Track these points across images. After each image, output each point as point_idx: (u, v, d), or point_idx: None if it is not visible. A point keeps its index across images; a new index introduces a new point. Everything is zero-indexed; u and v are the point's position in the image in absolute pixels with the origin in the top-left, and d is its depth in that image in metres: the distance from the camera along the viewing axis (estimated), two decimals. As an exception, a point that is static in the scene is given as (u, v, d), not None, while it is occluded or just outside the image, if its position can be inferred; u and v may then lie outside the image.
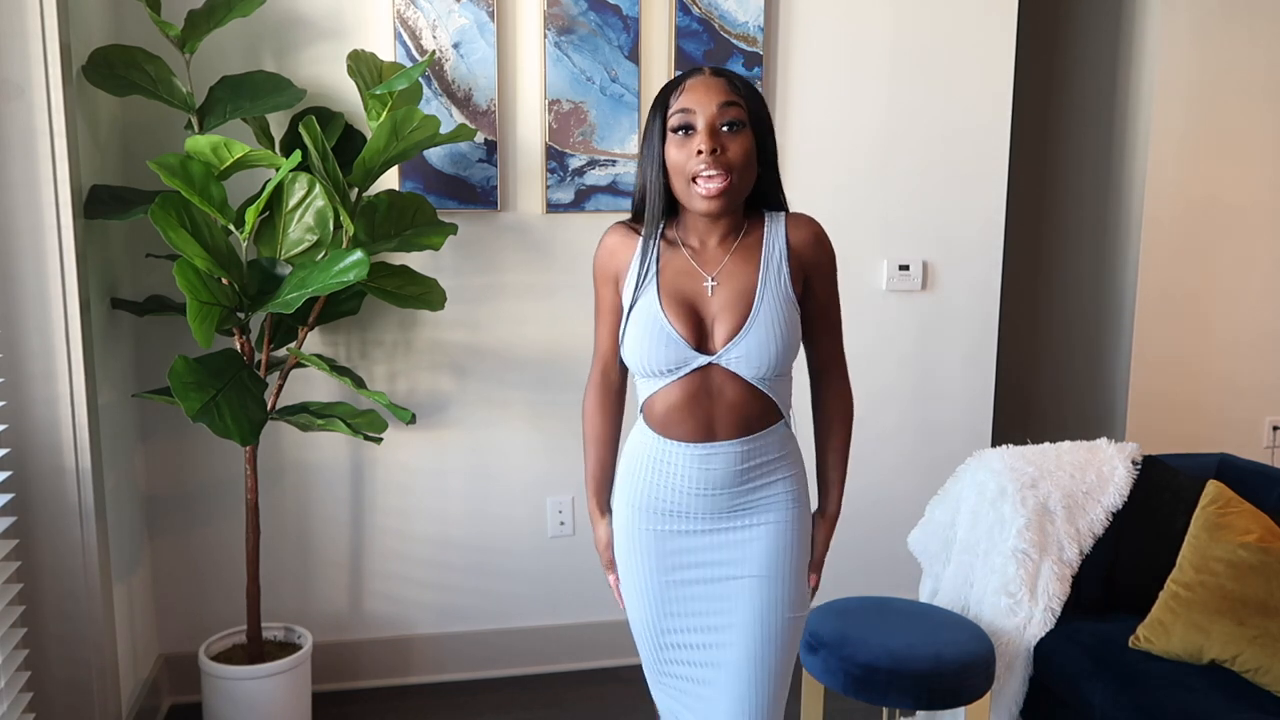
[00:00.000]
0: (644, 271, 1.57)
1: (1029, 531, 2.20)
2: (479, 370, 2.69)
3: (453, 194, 2.58)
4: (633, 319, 1.57)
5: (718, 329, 1.54)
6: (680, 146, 1.51)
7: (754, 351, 1.53)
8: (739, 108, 1.51)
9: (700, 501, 1.58)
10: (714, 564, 1.61)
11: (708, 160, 1.48)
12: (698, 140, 1.49)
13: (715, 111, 1.50)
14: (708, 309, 1.55)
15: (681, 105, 1.51)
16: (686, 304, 1.55)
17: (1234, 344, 3.29)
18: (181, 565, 2.62)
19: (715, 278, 1.56)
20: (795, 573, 1.63)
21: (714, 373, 1.54)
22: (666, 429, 1.58)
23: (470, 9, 2.52)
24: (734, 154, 1.50)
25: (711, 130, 1.49)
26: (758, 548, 1.60)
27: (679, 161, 1.51)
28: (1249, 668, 1.93)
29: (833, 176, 2.82)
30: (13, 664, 1.92)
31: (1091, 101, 3.46)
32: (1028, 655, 2.17)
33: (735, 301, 1.54)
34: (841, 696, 2.09)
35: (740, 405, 1.55)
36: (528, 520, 2.77)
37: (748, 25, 2.67)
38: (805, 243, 1.60)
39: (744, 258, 1.57)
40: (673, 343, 1.53)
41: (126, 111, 2.43)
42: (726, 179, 1.49)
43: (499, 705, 2.68)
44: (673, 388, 1.55)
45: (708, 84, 1.52)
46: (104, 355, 2.25)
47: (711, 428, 1.56)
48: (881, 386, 2.94)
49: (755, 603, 1.60)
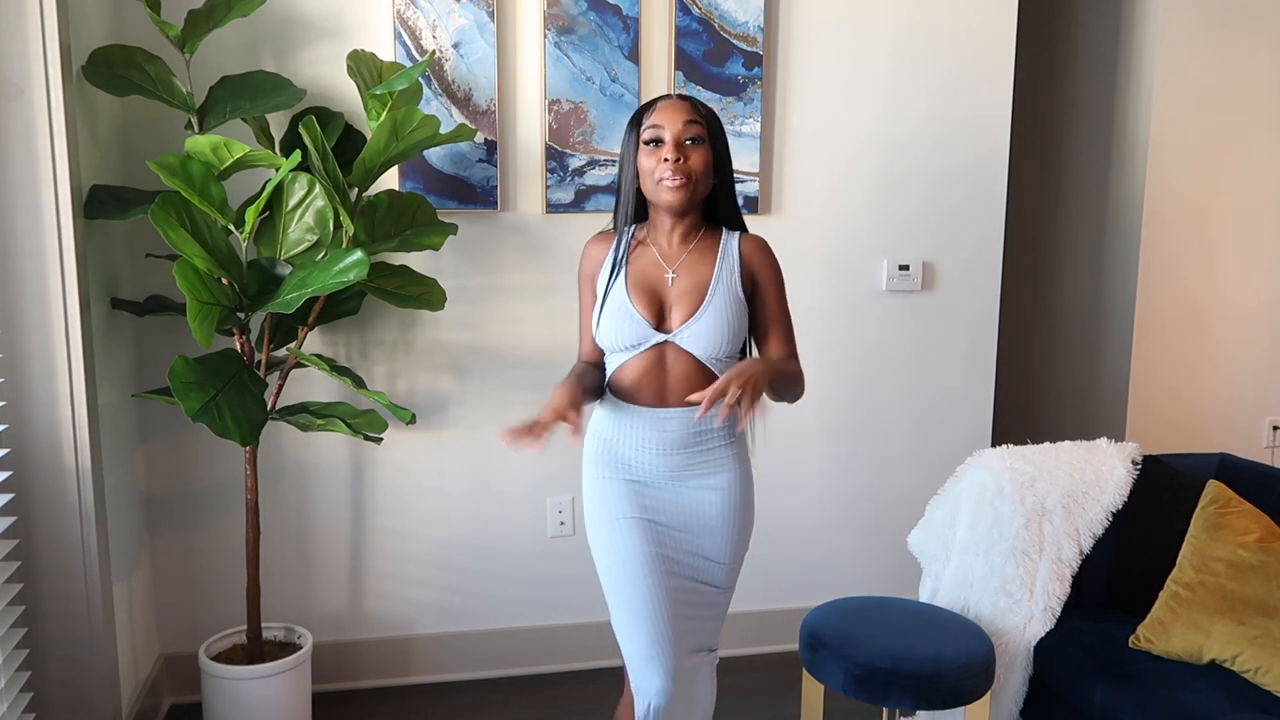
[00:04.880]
0: (616, 263, 1.86)
1: (1027, 531, 2.20)
2: (479, 370, 2.69)
3: (453, 194, 2.58)
4: (606, 304, 1.85)
5: (675, 313, 1.83)
6: (650, 155, 1.82)
7: (703, 333, 1.81)
8: (700, 126, 1.82)
9: (660, 460, 1.84)
10: (678, 516, 1.85)
11: (673, 167, 1.79)
12: (665, 150, 1.80)
13: (680, 128, 1.80)
14: (667, 296, 1.84)
15: (653, 122, 1.82)
16: (650, 291, 1.84)
17: (1234, 344, 3.29)
18: (181, 565, 2.62)
19: (675, 270, 1.85)
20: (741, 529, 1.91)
21: (669, 349, 1.82)
22: (630, 396, 1.85)
23: (470, 9, 2.52)
24: (694, 162, 1.81)
25: (677, 143, 1.80)
26: (711, 502, 1.86)
27: (649, 167, 1.82)
28: (1249, 668, 1.93)
29: (833, 176, 2.82)
30: (13, 664, 1.92)
31: (1091, 102, 3.46)
32: (1028, 655, 2.17)
33: (691, 291, 1.83)
34: (841, 696, 2.09)
35: (689, 378, 1.82)
36: (527, 520, 2.78)
37: (748, 25, 2.67)
38: (753, 252, 1.88)
39: (700, 257, 1.86)
40: (635, 322, 1.82)
41: (126, 111, 2.43)
42: (687, 179, 1.79)
43: (499, 705, 2.68)
44: (635, 360, 1.83)
45: (675, 105, 1.83)
46: (104, 355, 2.25)
47: (665, 395, 1.83)
48: (881, 386, 2.94)
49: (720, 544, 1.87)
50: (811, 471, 2.95)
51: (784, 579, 2.97)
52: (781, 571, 2.96)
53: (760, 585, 2.93)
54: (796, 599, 2.95)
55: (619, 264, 1.86)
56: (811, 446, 2.93)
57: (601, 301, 1.86)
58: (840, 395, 2.92)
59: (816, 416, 2.91)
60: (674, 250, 1.86)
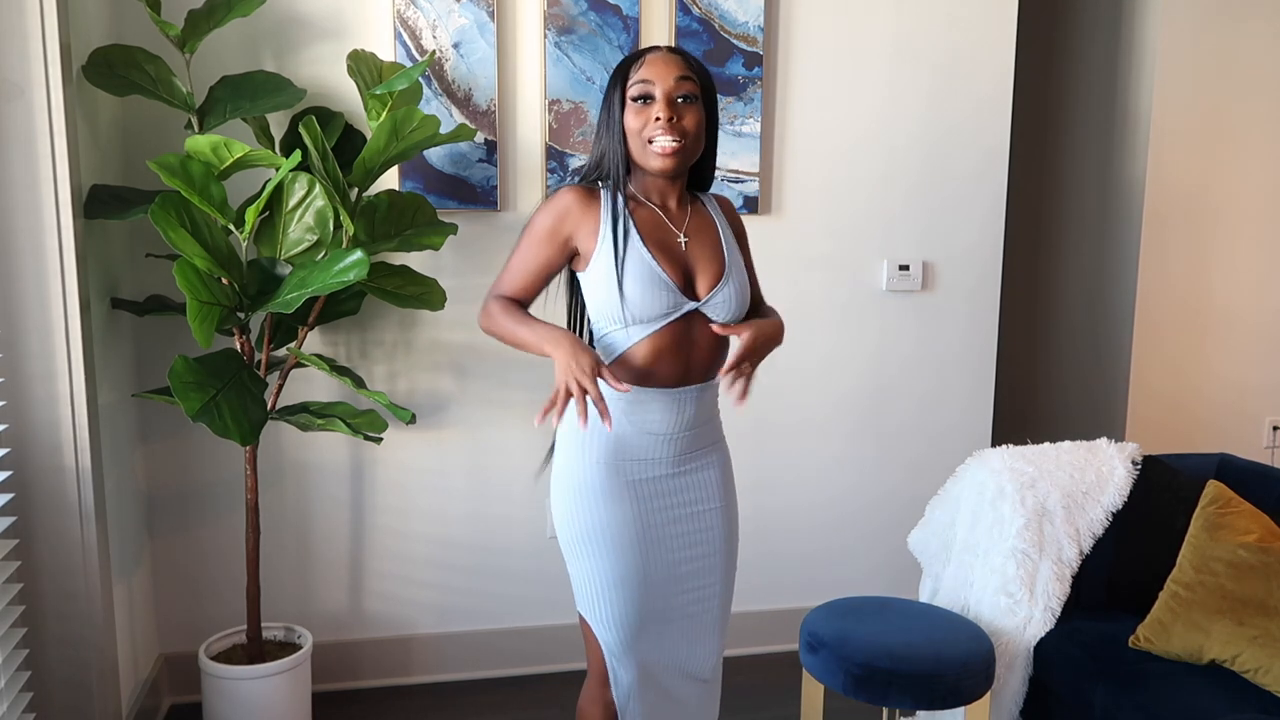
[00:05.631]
0: (620, 228, 1.66)
1: (1028, 531, 2.20)
2: (479, 370, 2.69)
3: (453, 194, 2.58)
4: (629, 272, 1.64)
5: (700, 279, 1.70)
6: (638, 114, 1.65)
7: (732, 298, 1.70)
8: (693, 83, 1.66)
9: (668, 445, 1.72)
10: (684, 502, 1.77)
11: (665, 126, 1.63)
12: (656, 108, 1.64)
13: (673, 84, 1.64)
14: (687, 261, 1.70)
15: (641, 76, 1.65)
16: (671, 255, 1.69)
17: (1234, 344, 3.29)
18: (181, 565, 2.62)
19: (685, 234, 1.72)
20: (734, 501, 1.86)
21: (695, 319, 1.69)
22: (645, 378, 1.67)
23: (470, 9, 2.52)
24: (688, 123, 1.65)
25: (669, 100, 1.64)
26: (713, 477, 1.79)
27: (636, 127, 1.65)
28: (1249, 668, 1.93)
29: (833, 176, 2.82)
30: (13, 664, 1.92)
31: (1092, 101, 3.46)
32: (1028, 655, 2.17)
33: (711, 255, 1.72)
34: (841, 696, 2.09)
35: (712, 349, 1.72)
36: (527, 520, 2.77)
37: (748, 25, 2.67)
38: (731, 211, 1.84)
39: (701, 221, 1.75)
40: (669, 290, 1.66)
41: (126, 111, 2.43)
42: (681, 142, 1.64)
43: (499, 705, 2.68)
44: (659, 335, 1.67)
45: (666, 59, 1.66)
46: (104, 355, 2.25)
47: (688, 372, 1.70)
48: (881, 387, 2.95)
49: (725, 530, 1.81)
50: (811, 471, 2.94)
51: (784, 579, 2.97)
52: (782, 571, 2.96)
53: (760, 585, 2.93)
54: (796, 599, 2.96)
55: (625, 229, 1.66)
56: (811, 446, 2.93)
57: (619, 268, 1.64)
58: (840, 395, 2.92)
59: (816, 416, 2.91)
60: (675, 213, 1.73)
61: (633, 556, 1.72)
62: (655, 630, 1.77)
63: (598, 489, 1.71)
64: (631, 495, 1.71)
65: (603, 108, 1.71)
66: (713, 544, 1.80)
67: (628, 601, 1.73)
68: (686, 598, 1.78)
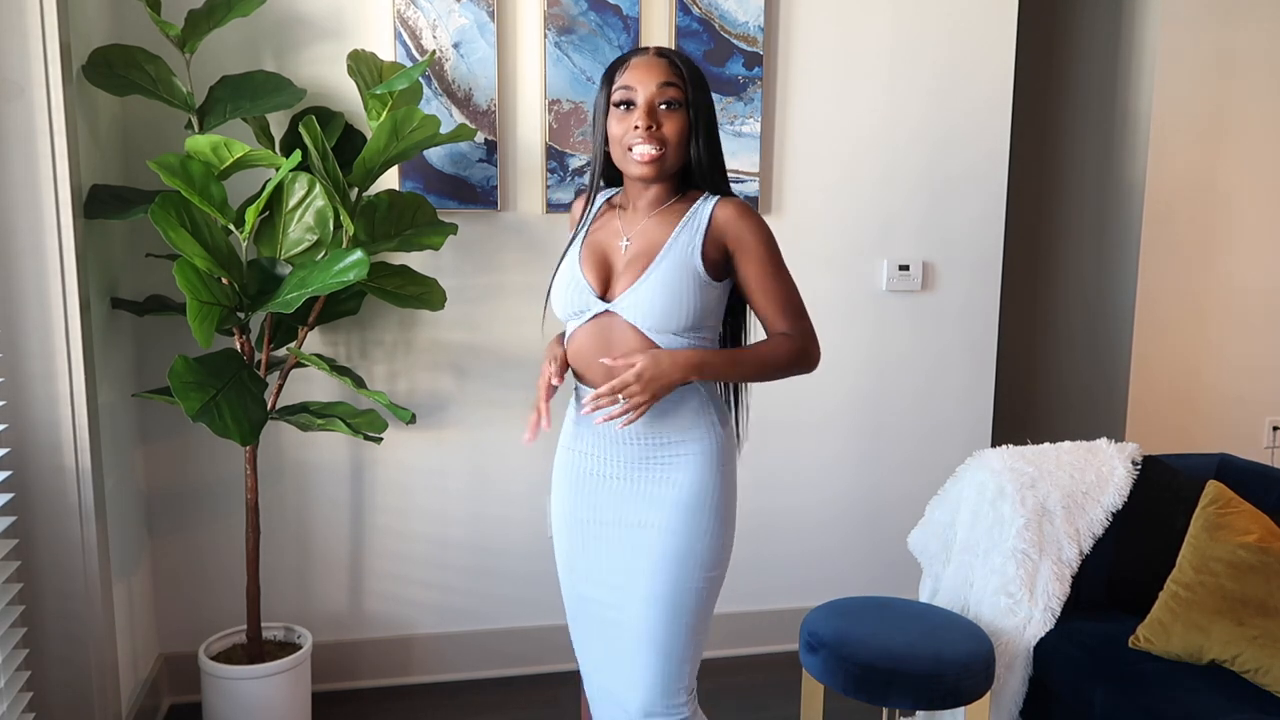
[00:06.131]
0: (580, 227, 1.76)
1: (1028, 531, 2.20)
2: (479, 370, 2.69)
3: (453, 194, 2.58)
4: (559, 268, 1.74)
5: (620, 281, 1.68)
6: (620, 120, 1.66)
7: (642, 302, 1.63)
8: (677, 89, 1.64)
9: (613, 447, 1.70)
10: (625, 513, 1.70)
11: (643, 135, 1.62)
12: (636, 116, 1.63)
13: (654, 91, 1.63)
14: (617, 263, 1.69)
15: (624, 83, 1.65)
16: (601, 257, 1.71)
17: (1234, 344, 3.29)
18: (181, 565, 2.62)
19: (630, 237, 1.70)
20: (707, 533, 1.68)
21: (615, 322, 1.67)
22: (579, 373, 1.73)
23: (470, 9, 2.52)
24: (668, 130, 1.64)
25: (649, 108, 1.63)
26: (668, 500, 1.67)
27: (618, 134, 1.66)
28: (1249, 668, 1.93)
29: (832, 176, 2.82)
30: (13, 664, 1.92)
31: (1092, 101, 3.46)
32: (1027, 655, 2.17)
33: (639, 258, 1.67)
34: (841, 696, 2.09)
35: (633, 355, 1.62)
36: (527, 520, 2.77)
37: (748, 25, 2.67)
38: (728, 218, 1.67)
39: (662, 224, 1.68)
40: (580, 289, 1.68)
41: (126, 111, 2.43)
42: (660, 150, 1.63)
43: (499, 705, 2.68)
44: (581, 331, 1.70)
45: (650, 64, 1.65)
46: (104, 355, 2.25)
47: (610, 373, 1.65)
48: (881, 386, 2.95)
49: (657, 555, 1.67)
50: (811, 471, 2.94)
51: (783, 579, 2.97)
52: (781, 571, 2.96)
53: (760, 585, 2.93)
54: (796, 599, 2.96)
55: (581, 227, 1.75)
56: (811, 446, 2.93)
57: (556, 266, 1.75)
58: (840, 395, 2.92)
59: (816, 416, 2.91)
60: (637, 216, 1.71)
61: (564, 543, 1.79)
62: (583, 627, 1.80)
63: (557, 473, 1.81)
64: (577, 486, 1.76)
65: (593, 111, 1.75)
66: (639, 564, 1.68)
67: (563, 586, 1.82)
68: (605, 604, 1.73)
